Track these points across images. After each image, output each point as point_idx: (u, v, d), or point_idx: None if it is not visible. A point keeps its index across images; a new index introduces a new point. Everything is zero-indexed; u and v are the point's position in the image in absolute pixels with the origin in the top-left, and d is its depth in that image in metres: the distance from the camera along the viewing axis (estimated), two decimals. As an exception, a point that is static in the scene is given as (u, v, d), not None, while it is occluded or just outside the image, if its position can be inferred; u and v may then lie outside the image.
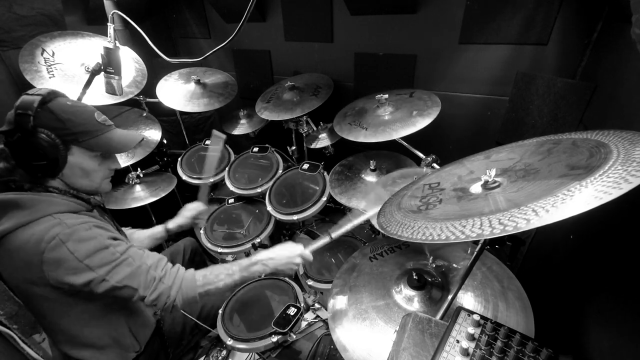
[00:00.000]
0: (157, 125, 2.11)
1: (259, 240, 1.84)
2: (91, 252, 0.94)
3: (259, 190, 1.97)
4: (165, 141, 2.14)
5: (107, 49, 1.47)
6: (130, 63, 2.00)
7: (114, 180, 1.19)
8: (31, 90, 0.98)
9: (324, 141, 1.97)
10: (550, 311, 1.16)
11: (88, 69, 1.59)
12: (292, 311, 1.31)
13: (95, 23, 2.26)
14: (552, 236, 1.44)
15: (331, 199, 1.75)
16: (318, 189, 1.80)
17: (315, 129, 2.09)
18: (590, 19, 1.37)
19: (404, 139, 1.49)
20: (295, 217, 1.72)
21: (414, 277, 1.12)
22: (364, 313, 1.11)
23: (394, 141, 1.50)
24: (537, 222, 0.55)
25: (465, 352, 0.75)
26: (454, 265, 1.23)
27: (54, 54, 1.74)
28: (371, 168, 1.72)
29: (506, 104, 1.71)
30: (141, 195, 1.96)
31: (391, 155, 1.86)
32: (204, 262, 1.87)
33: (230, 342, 1.28)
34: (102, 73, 1.51)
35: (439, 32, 1.77)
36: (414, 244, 1.34)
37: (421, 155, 1.48)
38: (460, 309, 0.85)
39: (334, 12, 2.05)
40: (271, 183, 1.96)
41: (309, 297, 1.61)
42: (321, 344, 1.48)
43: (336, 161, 1.92)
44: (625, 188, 0.52)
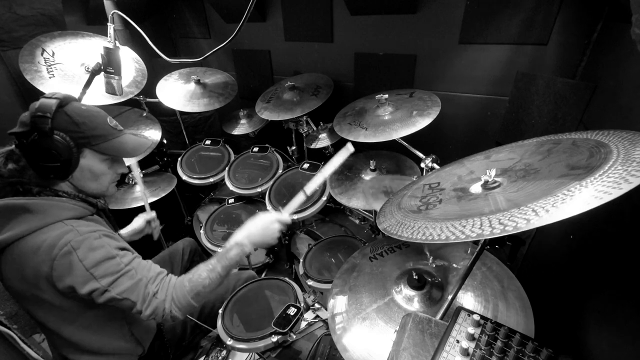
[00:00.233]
0: (157, 125, 2.11)
1: (259, 240, 1.84)
2: (98, 262, 0.95)
3: (259, 190, 1.97)
4: (165, 141, 2.14)
5: (107, 49, 1.47)
6: (130, 63, 2.00)
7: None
8: (48, 93, 1.01)
9: (324, 141, 1.98)
10: (550, 311, 1.16)
11: (88, 69, 1.59)
12: (292, 311, 1.31)
13: (95, 23, 2.27)
14: (552, 236, 1.44)
15: (331, 199, 1.75)
16: (318, 189, 1.80)
17: (315, 129, 2.09)
18: (590, 19, 1.37)
19: (404, 139, 1.49)
20: (295, 216, 1.72)
21: (414, 277, 1.12)
22: (364, 313, 1.11)
23: (394, 141, 1.50)
24: (537, 222, 0.55)
25: (465, 352, 0.75)
26: (454, 265, 1.23)
27: (54, 54, 1.74)
28: (371, 168, 1.72)
29: (506, 104, 1.71)
30: (141, 195, 1.96)
31: (391, 155, 1.85)
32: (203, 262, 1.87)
33: (230, 342, 1.28)
34: (102, 73, 1.51)
35: (439, 32, 1.77)
36: (414, 244, 1.34)
37: (421, 155, 1.48)
38: (460, 309, 0.85)
39: (334, 12, 2.05)
40: (271, 183, 1.96)
41: (309, 297, 1.61)
42: (321, 344, 1.48)
43: (336, 161, 1.92)
44: (625, 188, 0.52)
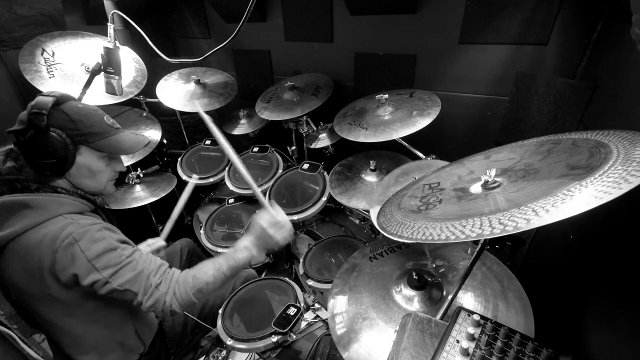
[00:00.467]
0: (157, 125, 2.11)
1: (259, 240, 1.84)
2: (100, 253, 0.96)
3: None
4: (165, 141, 2.14)
5: (107, 49, 1.47)
6: (130, 63, 2.00)
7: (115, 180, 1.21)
8: (46, 91, 1.02)
9: (324, 141, 1.98)
10: (550, 311, 1.16)
11: (88, 69, 1.59)
12: (292, 311, 1.31)
13: (95, 23, 2.26)
14: (552, 236, 1.44)
15: (331, 199, 1.75)
16: (318, 189, 1.80)
17: (315, 129, 2.09)
18: (590, 19, 1.37)
19: (404, 139, 1.49)
20: (295, 217, 1.72)
21: (414, 277, 1.12)
22: (364, 313, 1.11)
23: (394, 141, 1.50)
24: (537, 222, 0.55)
25: (465, 352, 0.75)
26: (454, 265, 1.23)
27: (54, 54, 1.74)
28: (371, 168, 1.72)
29: (506, 104, 1.71)
30: (141, 195, 1.96)
31: (391, 155, 1.86)
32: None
33: (230, 342, 1.28)
34: (102, 73, 1.51)
35: (439, 32, 1.77)
36: (414, 244, 1.34)
37: (421, 155, 1.48)
38: (460, 309, 0.85)
39: (334, 12, 2.05)
40: (271, 183, 1.96)
41: (309, 297, 1.61)
42: (321, 344, 1.48)
43: (336, 161, 1.92)
44: (625, 188, 0.52)
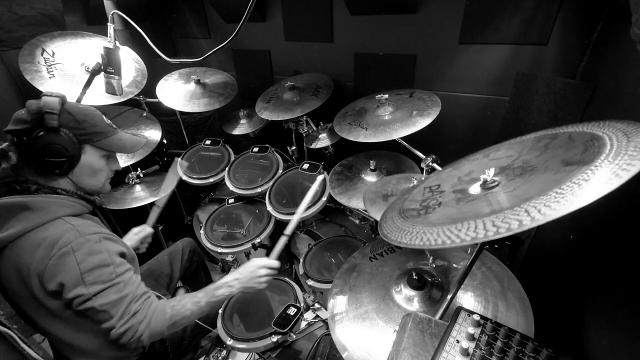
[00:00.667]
0: (157, 125, 2.11)
1: (259, 240, 1.84)
2: (93, 267, 0.95)
3: (259, 190, 1.97)
4: (165, 141, 2.14)
5: (107, 49, 1.47)
6: (130, 63, 2.00)
7: (114, 180, 1.23)
8: (45, 92, 1.02)
9: (324, 141, 1.97)
10: (550, 311, 1.16)
11: (88, 69, 1.59)
12: (292, 311, 1.31)
13: (95, 23, 2.26)
14: (552, 236, 1.44)
15: (331, 199, 1.75)
16: (318, 189, 1.80)
17: (315, 129, 2.09)
18: (590, 19, 1.37)
19: (404, 139, 1.49)
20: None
21: (414, 277, 1.12)
22: (364, 313, 1.11)
23: (394, 141, 1.50)
24: (529, 224, 0.54)
25: (465, 352, 0.75)
26: (453, 265, 1.23)
27: (54, 54, 1.74)
28: (371, 168, 1.72)
29: (506, 104, 1.71)
30: (141, 195, 1.96)
31: (391, 155, 1.86)
32: (203, 262, 1.87)
33: (230, 342, 1.28)
34: (102, 73, 1.51)
35: (439, 32, 1.77)
36: (414, 244, 1.34)
37: (421, 155, 1.48)
38: (460, 309, 0.85)
39: (334, 12, 2.05)
40: (271, 183, 1.96)
41: (308, 297, 1.61)
42: (321, 344, 1.48)
43: (336, 161, 1.92)
44: (616, 183, 0.51)
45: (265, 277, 1.21)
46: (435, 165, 1.40)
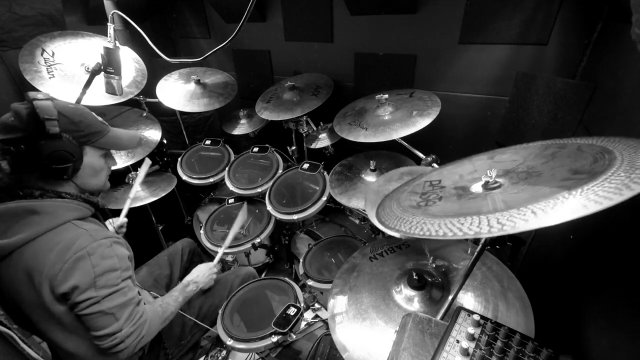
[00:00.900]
0: (157, 125, 2.11)
1: (259, 240, 1.84)
2: (104, 271, 0.96)
3: (259, 190, 1.97)
4: (165, 141, 2.14)
5: (107, 49, 1.47)
6: (130, 63, 2.00)
7: (114, 180, 1.23)
8: (29, 94, 0.96)
9: (324, 141, 1.97)
10: (550, 311, 1.16)
11: (88, 69, 1.59)
12: (292, 311, 1.31)
13: (95, 23, 2.26)
14: (552, 236, 1.44)
15: (331, 199, 1.75)
16: (318, 188, 1.80)
17: (315, 129, 2.09)
18: (590, 19, 1.37)
19: (404, 139, 1.49)
20: (295, 216, 1.72)
21: (414, 277, 1.12)
22: (364, 313, 1.11)
23: (394, 141, 1.50)
24: (535, 223, 0.54)
25: (465, 352, 0.75)
26: (454, 265, 1.23)
27: (54, 54, 1.74)
28: (371, 168, 1.72)
29: (506, 104, 1.71)
30: (141, 195, 1.96)
31: (391, 155, 1.86)
32: (202, 262, 1.86)
33: (230, 342, 1.28)
34: (102, 73, 1.51)
35: (439, 32, 1.77)
36: (414, 244, 1.34)
37: (421, 155, 1.48)
38: (460, 309, 0.85)
39: (334, 12, 2.05)
40: (271, 183, 1.96)
41: (308, 297, 1.61)
42: (321, 344, 1.48)
43: (336, 161, 1.92)
44: (627, 194, 0.52)
45: (214, 276, 1.52)
46: (435, 165, 1.40)
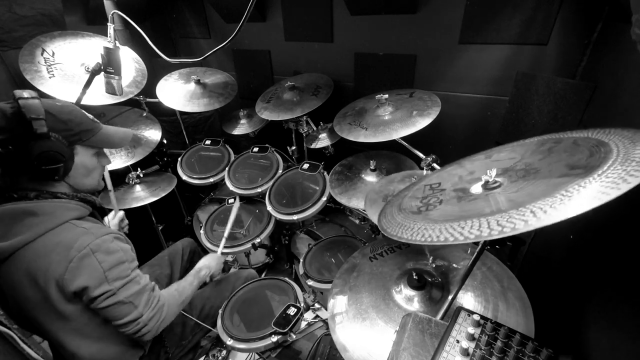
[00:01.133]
0: (157, 125, 2.11)
1: (259, 240, 1.84)
2: (113, 265, 0.97)
3: (259, 190, 1.97)
4: (165, 141, 2.14)
5: (107, 49, 1.47)
6: (130, 63, 2.00)
7: (114, 180, 1.22)
8: (16, 92, 0.92)
9: (324, 141, 1.97)
10: (550, 311, 1.16)
11: (88, 69, 1.59)
12: (292, 311, 1.31)
13: (95, 23, 2.26)
14: (552, 236, 1.44)
15: (331, 199, 1.75)
16: (318, 189, 1.80)
17: (315, 129, 2.09)
18: (590, 19, 1.37)
19: (404, 139, 1.49)
20: (295, 217, 1.72)
21: (414, 277, 1.12)
22: (364, 313, 1.11)
23: (394, 141, 1.50)
24: (535, 224, 0.54)
25: (465, 352, 0.75)
26: (454, 265, 1.23)
27: (54, 54, 1.74)
28: (371, 168, 1.72)
29: (506, 104, 1.71)
30: (141, 195, 1.96)
31: (391, 155, 1.86)
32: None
33: (230, 342, 1.28)
34: (102, 73, 1.51)
35: (439, 32, 1.77)
36: (414, 244, 1.34)
37: (421, 155, 1.48)
38: (460, 309, 0.85)
39: (334, 12, 2.05)
40: (271, 183, 1.96)
41: (308, 297, 1.61)
42: (321, 344, 1.48)
43: (336, 161, 1.92)
44: (624, 188, 0.52)
45: (222, 264, 1.59)
46: (435, 165, 1.40)
